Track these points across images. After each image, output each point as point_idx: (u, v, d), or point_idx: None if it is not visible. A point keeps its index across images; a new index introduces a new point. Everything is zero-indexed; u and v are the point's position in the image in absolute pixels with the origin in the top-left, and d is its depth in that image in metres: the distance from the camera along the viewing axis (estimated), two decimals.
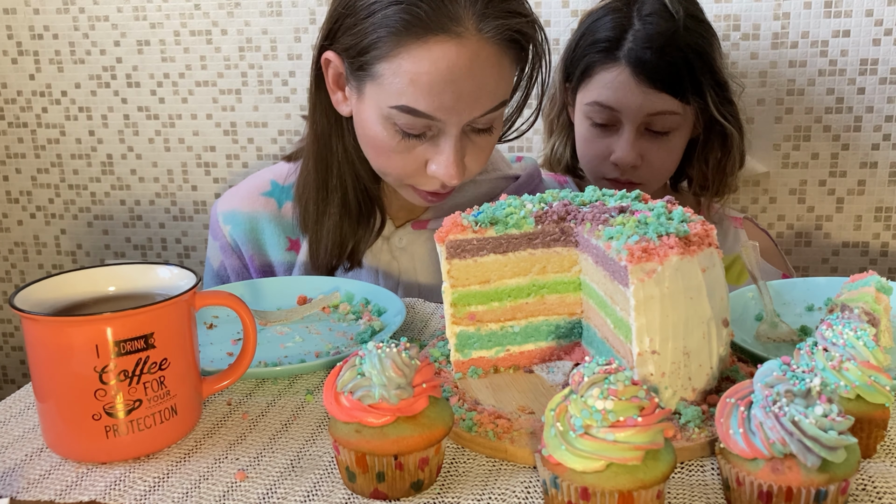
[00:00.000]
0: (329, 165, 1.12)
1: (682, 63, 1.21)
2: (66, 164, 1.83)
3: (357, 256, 1.18)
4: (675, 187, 1.43)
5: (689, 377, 0.71)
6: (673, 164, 1.31)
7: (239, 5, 1.65)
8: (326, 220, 1.14)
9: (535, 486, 0.65)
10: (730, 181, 1.33)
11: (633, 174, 1.27)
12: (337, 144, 1.11)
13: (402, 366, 0.63)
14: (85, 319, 0.66)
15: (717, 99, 1.24)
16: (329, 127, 1.10)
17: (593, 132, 1.30)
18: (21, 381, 1.99)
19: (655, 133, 1.25)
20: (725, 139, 1.28)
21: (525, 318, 0.84)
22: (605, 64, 1.24)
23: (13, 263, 1.93)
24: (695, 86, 1.22)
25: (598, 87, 1.26)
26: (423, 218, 1.20)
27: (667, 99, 1.22)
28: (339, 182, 1.12)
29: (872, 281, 0.83)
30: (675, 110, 1.23)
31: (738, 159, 1.31)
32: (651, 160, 1.27)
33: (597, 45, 1.26)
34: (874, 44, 1.44)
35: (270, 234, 1.21)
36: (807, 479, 0.56)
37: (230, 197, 1.25)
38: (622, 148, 1.25)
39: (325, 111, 1.10)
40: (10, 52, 1.77)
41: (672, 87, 1.21)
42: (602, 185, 1.30)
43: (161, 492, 0.66)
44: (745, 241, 1.28)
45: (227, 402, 0.80)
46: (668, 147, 1.27)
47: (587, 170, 1.35)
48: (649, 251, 0.68)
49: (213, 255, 1.26)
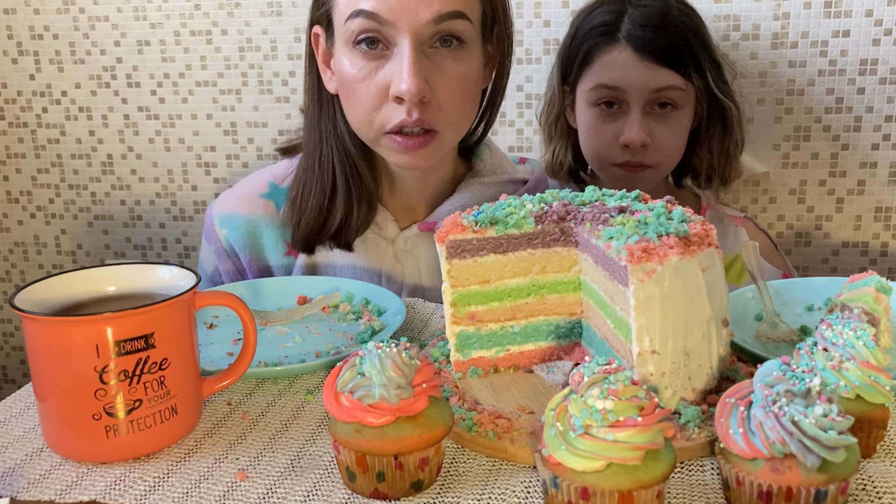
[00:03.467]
0: (318, 143, 1.12)
1: (680, 39, 1.25)
2: (66, 164, 1.83)
3: (344, 237, 1.15)
4: (679, 183, 1.43)
5: (689, 377, 0.71)
6: (680, 146, 1.32)
7: (239, 5, 1.65)
8: (312, 196, 1.13)
9: (535, 486, 0.65)
10: (734, 165, 1.36)
11: (644, 155, 1.28)
12: (326, 122, 1.12)
13: (402, 366, 0.63)
14: (85, 319, 0.66)
15: (716, 76, 1.28)
16: (319, 106, 1.12)
17: (599, 119, 1.31)
18: (21, 381, 1.99)
19: (661, 112, 1.27)
20: (725, 117, 1.31)
21: (525, 318, 0.84)
22: (606, 47, 1.27)
23: (13, 263, 1.93)
24: (694, 61, 1.25)
25: (600, 70, 1.28)
26: (431, 219, 1.18)
27: (670, 74, 1.24)
28: (327, 160, 1.12)
29: (872, 281, 0.83)
30: (679, 86, 1.25)
31: (740, 139, 1.34)
32: (659, 140, 1.28)
33: (595, 30, 1.29)
34: (874, 44, 1.44)
35: (269, 239, 1.20)
36: (807, 479, 0.56)
37: (227, 199, 1.23)
38: (631, 127, 1.26)
39: (316, 91, 1.12)
40: (10, 52, 1.77)
41: (674, 61, 1.24)
42: (612, 175, 1.32)
43: (161, 492, 0.66)
44: (744, 241, 1.28)
45: (227, 402, 0.80)
46: (674, 127, 1.29)
47: (594, 161, 1.36)
48: (649, 251, 0.68)
49: (206, 259, 1.24)
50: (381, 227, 1.17)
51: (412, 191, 1.18)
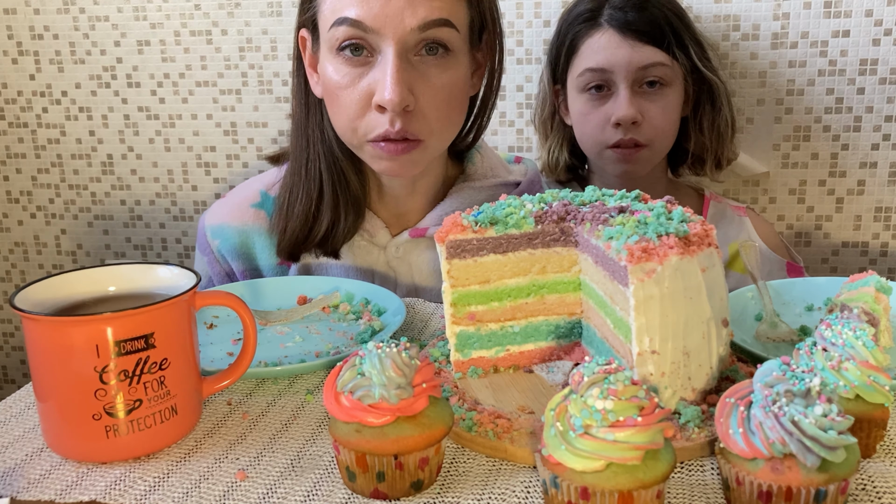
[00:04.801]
0: (304, 148, 1.12)
1: (661, 18, 1.28)
2: (66, 164, 1.83)
3: (331, 245, 1.14)
4: (676, 171, 1.44)
5: (689, 377, 0.72)
6: (672, 124, 1.34)
7: (239, 5, 1.65)
8: (298, 203, 1.12)
9: (535, 486, 0.65)
10: (726, 144, 1.38)
11: (637, 132, 1.30)
12: (313, 128, 1.11)
13: (402, 366, 0.63)
14: (85, 319, 0.66)
15: (699, 53, 1.31)
16: (305, 110, 1.11)
17: (589, 104, 1.33)
18: (21, 381, 1.99)
19: (650, 90, 1.30)
20: (714, 95, 1.34)
21: (525, 317, 0.84)
22: (590, 31, 1.31)
23: (13, 263, 1.93)
24: (677, 39, 1.29)
25: (586, 55, 1.31)
26: (421, 225, 1.17)
27: (654, 51, 1.27)
28: (314, 165, 1.11)
29: (872, 281, 0.83)
30: (664, 62, 1.28)
31: (730, 118, 1.36)
32: (651, 117, 1.30)
33: (578, 19, 1.32)
34: (874, 44, 1.44)
35: (262, 248, 1.19)
36: (806, 479, 0.56)
37: (218, 210, 1.23)
38: (621, 106, 1.28)
39: (303, 95, 1.11)
40: (10, 52, 1.77)
41: (656, 38, 1.28)
42: (608, 158, 1.33)
43: (161, 492, 0.66)
44: (743, 241, 1.28)
45: (227, 402, 0.80)
46: (663, 104, 1.31)
47: (589, 147, 1.37)
48: (649, 251, 0.68)
49: (200, 270, 1.24)
50: (373, 234, 1.16)
51: (401, 196, 1.17)
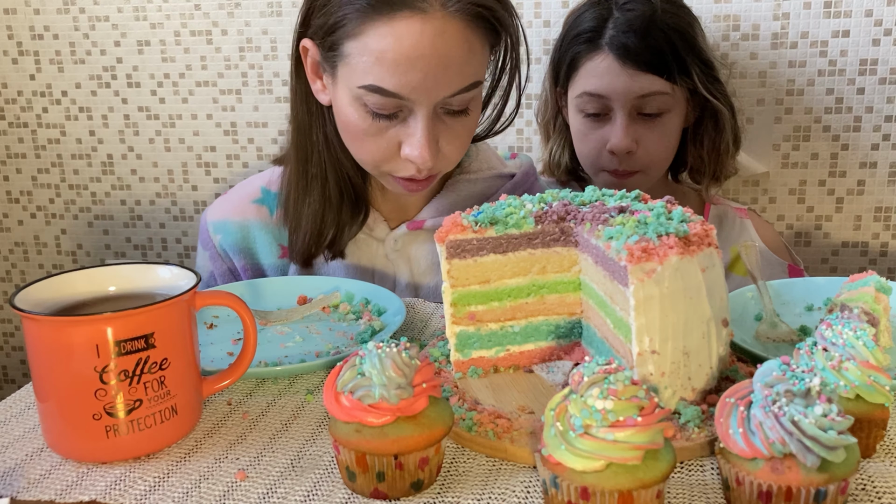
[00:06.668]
0: (309, 154, 1.11)
1: (664, 43, 1.23)
2: (66, 164, 1.83)
3: (338, 247, 1.15)
4: (676, 178, 1.44)
5: (689, 377, 0.72)
6: (669, 150, 1.32)
7: (239, 5, 1.65)
8: (306, 209, 1.13)
9: (535, 486, 0.65)
10: (726, 163, 1.35)
11: (631, 161, 1.28)
12: (317, 134, 1.10)
13: (402, 366, 0.63)
14: (85, 319, 0.66)
15: (704, 77, 1.26)
16: (309, 116, 1.10)
17: (587, 125, 1.31)
18: (21, 381, 1.99)
19: (648, 117, 1.26)
20: (717, 119, 1.30)
21: (525, 317, 0.84)
22: (589, 54, 1.27)
23: (13, 263, 1.93)
24: (680, 64, 1.24)
25: (585, 78, 1.28)
26: (419, 218, 1.18)
27: (653, 79, 1.23)
28: (319, 170, 1.11)
29: (872, 281, 0.83)
30: (664, 90, 1.24)
31: (732, 139, 1.33)
32: (647, 145, 1.27)
33: (579, 37, 1.28)
34: (874, 44, 1.44)
35: (262, 243, 1.20)
36: (806, 479, 0.56)
37: (220, 205, 1.24)
38: (616, 134, 1.26)
39: (305, 100, 1.10)
40: (10, 52, 1.77)
41: (657, 66, 1.23)
42: (603, 180, 1.32)
43: (161, 492, 0.66)
44: (743, 241, 1.28)
45: (227, 402, 0.80)
46: (661, 130, 1.28)
47: (586, 165, 1.36)
48: (649, 251, 0.68)
49: (202, 265, 1.25)
50: (372, 229, 1.18)
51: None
